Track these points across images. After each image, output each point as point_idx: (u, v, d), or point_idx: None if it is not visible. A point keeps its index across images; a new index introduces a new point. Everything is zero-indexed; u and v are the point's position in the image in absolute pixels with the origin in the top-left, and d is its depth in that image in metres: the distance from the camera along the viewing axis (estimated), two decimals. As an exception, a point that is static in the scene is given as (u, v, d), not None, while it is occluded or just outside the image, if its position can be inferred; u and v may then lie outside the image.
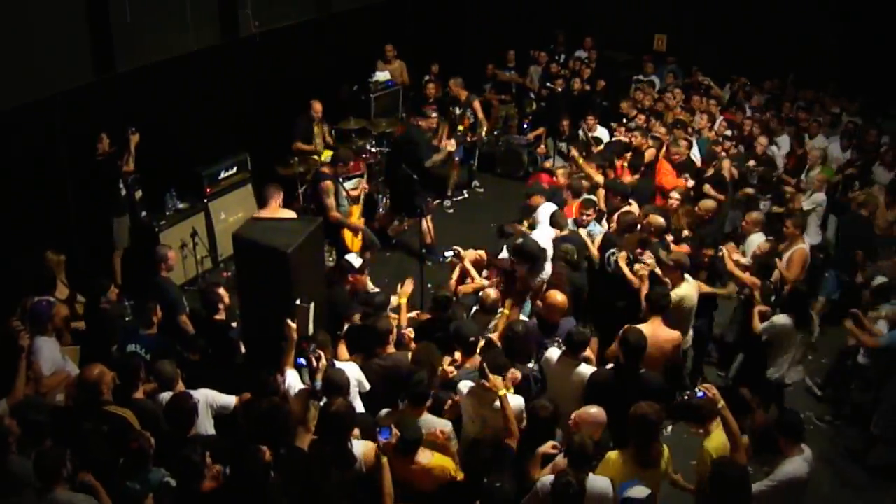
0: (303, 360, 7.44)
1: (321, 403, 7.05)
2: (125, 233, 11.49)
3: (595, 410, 7.02)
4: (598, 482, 6.50)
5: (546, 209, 10.90)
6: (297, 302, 8.18)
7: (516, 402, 7.54)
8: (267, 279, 8.23)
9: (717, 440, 7.10)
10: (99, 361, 7.51)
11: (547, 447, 6.99)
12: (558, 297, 8.91)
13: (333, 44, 15.55)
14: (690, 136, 14.01)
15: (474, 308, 9.41)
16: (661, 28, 19.89)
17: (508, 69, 18.35)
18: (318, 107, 13.75)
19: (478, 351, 8.16)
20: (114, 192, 11.22)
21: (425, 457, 6.82)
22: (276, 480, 6.27)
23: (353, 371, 7.76)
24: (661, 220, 10.41)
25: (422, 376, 7.37)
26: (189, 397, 7.03)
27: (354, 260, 10.12)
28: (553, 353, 8.28)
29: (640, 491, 6.21)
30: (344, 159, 12.20)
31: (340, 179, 12.07)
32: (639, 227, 10.56)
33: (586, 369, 8.04)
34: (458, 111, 15.47)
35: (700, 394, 7.19)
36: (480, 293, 9.33)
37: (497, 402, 7.29)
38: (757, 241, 10.93)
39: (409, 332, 8.79)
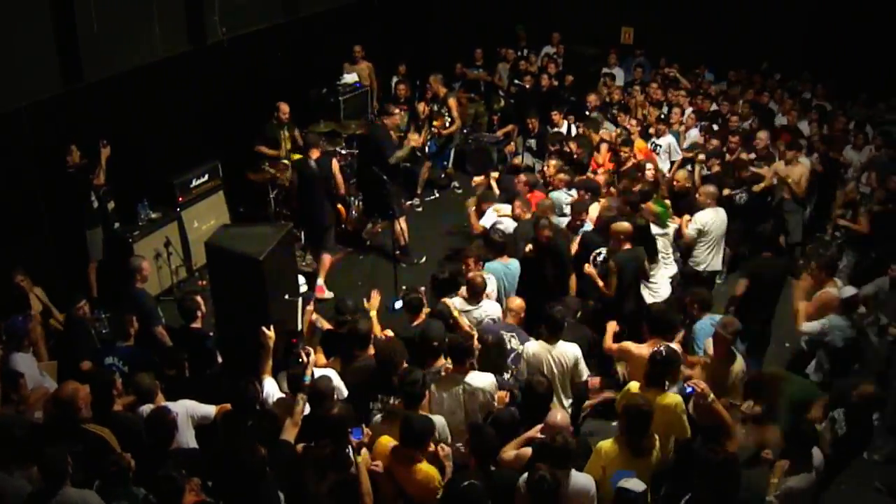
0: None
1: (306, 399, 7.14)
2: (99, 245, 11.42)
3: (560, 416, 7.05)
4: (580, 479, 6.58)
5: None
6: (286, 297, 8.24)
7: (488, 380, 7.85)
8: (241, 286, 8.25)
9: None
10: (72, 375, 7.52)
11: (535, 431, 7.07)
12: (516, 301, 9.26)
13: (301, 47, 15.54)
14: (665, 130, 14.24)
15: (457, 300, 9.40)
16: (627, 21, 19.99)
17: (476, 67, 18.44)
18: (284, 108, 13.68)
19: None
20: (86, 205, 11.16)
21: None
22: (270, 476, 6.34)
23: (334, 378, 7.77)
24: (626, 225, 10.23)
25: (417, 376, 7.35)
26: (168, 411, 6.99)
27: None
28: (532, 346, 8.42)
29: (636, 484, 6.25)
30: (314, 143, 12.32)
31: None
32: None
33: (567, 345, 8.32)
34: (435, 108, 15.53)
35: (689, 389, 7.28)
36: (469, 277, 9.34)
37: (461, 388, 7.67)
38: (702, 218, 11.17)
39: (388, 333, 8.76)
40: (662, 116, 14.92)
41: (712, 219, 11.05)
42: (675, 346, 8.39)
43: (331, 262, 12.60)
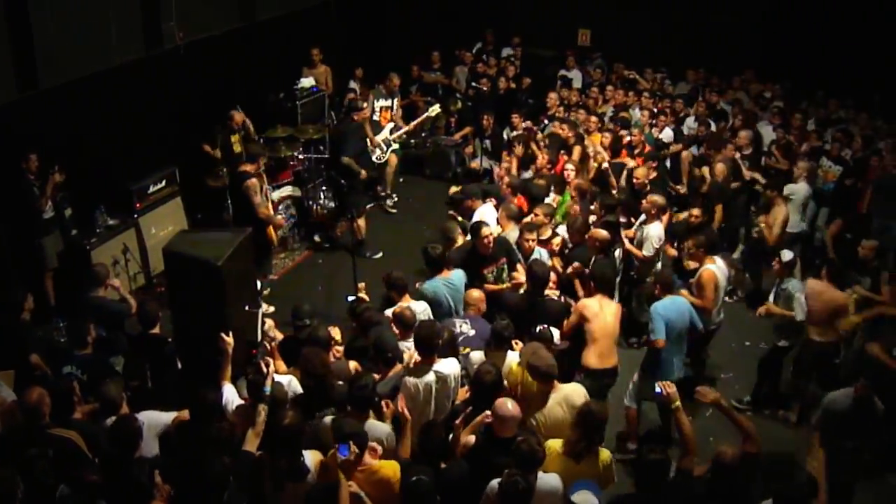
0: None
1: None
2: (52, 252, 11.37)
3: (511, 406, 6.96)
4: (548, 480, 6.58)
5: (483, 211, 11.29)
6: (246, 307, 8.22)
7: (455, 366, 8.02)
8: (199, 292, 8.23)
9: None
10: (23, 380, 7.49)
11: (483, 417, 7.10)
12: (474, 293, 9.40)
13: (259, 52, 15.52)
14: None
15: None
16: (584, 22, 20.08)
17: (433, 70, 18.45)
18: (238, 118, 13.69)
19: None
20: (35, 215, 11.12)
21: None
22: (233, 485, 6.31)
23: (291, 384, 7.79)
24: (604, 233, 10.38)
25: (367, 381, 7.33)
26: (134, 419, 6.97)
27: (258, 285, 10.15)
28: (476, 355, 8.44)
29: (585, 498, 6.28)
30: (257, 155, 12.28)
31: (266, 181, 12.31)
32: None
33: (516, 355, 8.22)
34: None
35: (658, 390, 7.31)
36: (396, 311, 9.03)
37: (433, 376, 7.73)
38: (656, 231, 11.03)
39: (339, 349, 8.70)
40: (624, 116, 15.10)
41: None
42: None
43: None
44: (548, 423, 7.43)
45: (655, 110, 15.53)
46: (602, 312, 9.11)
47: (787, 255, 10.20)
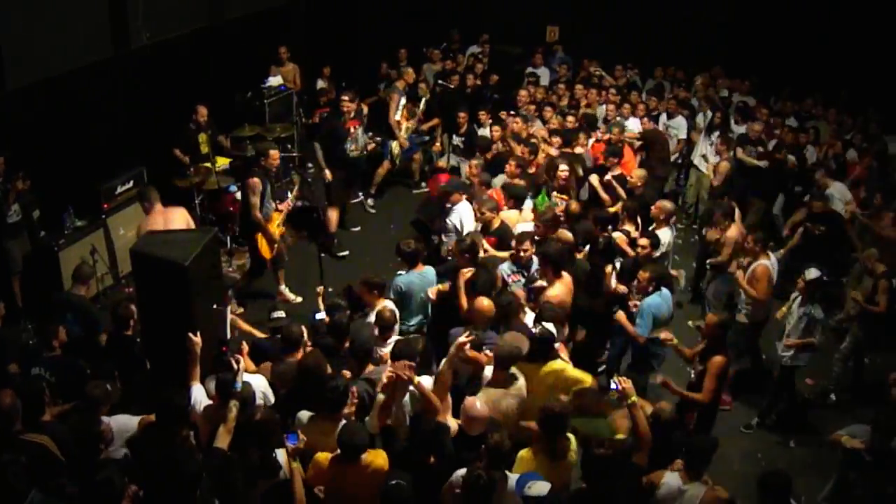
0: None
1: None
2: (19, 256, 11.31)
3: (480, 406, 7.06)
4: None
5: (464, 206, 11.34)
6: (214, 306, 8.23)
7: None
8: (167, 293, 8.24)
9: None
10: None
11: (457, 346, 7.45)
12: (485, 302, 8.88)
13: (226, 51, 15.50)
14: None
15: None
16: (552, 19, 20.14)
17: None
18: (203, 111, 13.68)
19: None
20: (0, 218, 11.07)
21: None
22: (205, 483, 6.31)
23: (259, 383, 7.85)
24: (568, 235, 10.43)
25: (338, 383, 7.37)
26: (97, 421, 6.98)
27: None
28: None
29: (540, 487, 6.29)
30: (267, 151, 11.98)
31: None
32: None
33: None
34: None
35: (614, 385, 7.34)
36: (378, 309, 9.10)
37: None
38: (664, 237, 10.93)
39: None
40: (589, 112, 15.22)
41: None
42: None
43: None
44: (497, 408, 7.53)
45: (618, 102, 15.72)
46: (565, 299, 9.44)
47: (812, 273, 9.80)
